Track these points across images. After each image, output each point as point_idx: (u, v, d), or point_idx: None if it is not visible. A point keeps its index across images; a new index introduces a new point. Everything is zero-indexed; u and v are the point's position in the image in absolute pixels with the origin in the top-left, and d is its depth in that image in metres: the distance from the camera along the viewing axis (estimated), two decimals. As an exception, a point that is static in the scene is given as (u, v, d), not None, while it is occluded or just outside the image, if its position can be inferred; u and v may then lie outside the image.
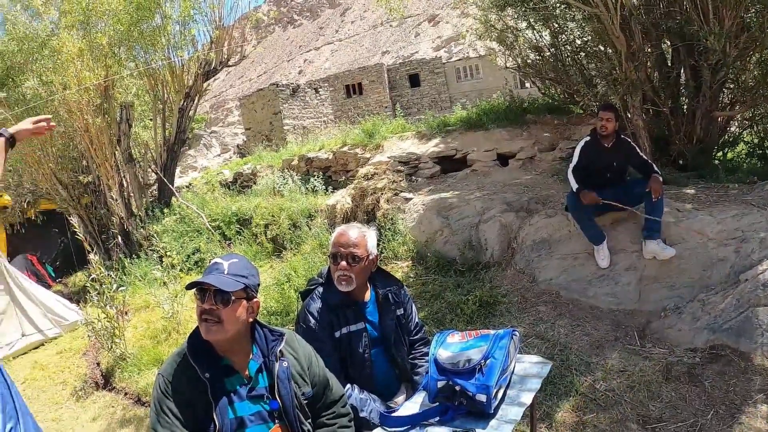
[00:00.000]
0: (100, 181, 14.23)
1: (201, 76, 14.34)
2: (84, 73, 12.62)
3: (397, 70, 38.15)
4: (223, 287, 2.22)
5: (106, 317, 7.35)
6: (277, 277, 7.93)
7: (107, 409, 6.45)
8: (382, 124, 12.94)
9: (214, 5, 14.23)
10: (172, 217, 12.53)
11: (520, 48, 10.31)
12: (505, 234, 6.98)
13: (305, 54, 69.42)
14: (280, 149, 19.39)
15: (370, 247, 3.10)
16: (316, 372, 2.54)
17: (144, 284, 10.35)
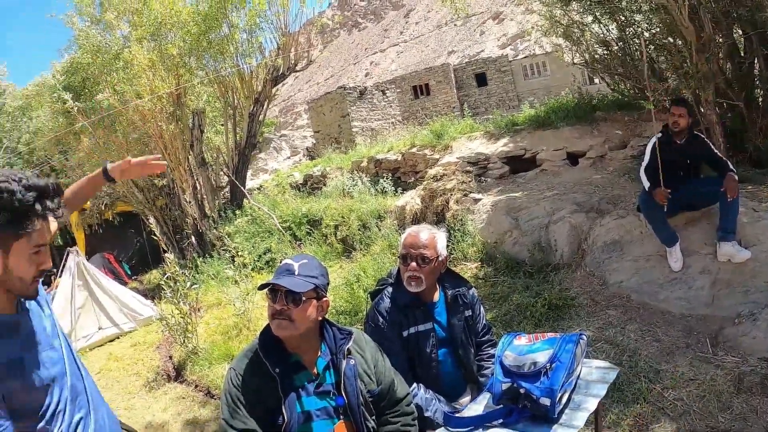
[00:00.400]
0: (174, 184, 14.79)
1: (269, 81, 14.67)
2: (156, 82, 13.17)
3: (463, 70, 37.74)
4: (294, 288, 2.28)
5: (180, 313, 7.65)
6: (347, 278, 8.01)
7: (178, 400, 6.67)
8: (450, 124, 12.90)
9: (279, 13, 14.57)
10: (244, 218, 12.88)
11: (587, 43, 10.02)
12: (575, 235, 6.83)
13: (371, 56, 69.74)
14: (349, 151, 19.60)
15: (440, 248, 3.10)
16: (382, 370, 2.56)
17: (216, 282, 10.70)
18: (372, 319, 3.12)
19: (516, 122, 11.15)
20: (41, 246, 1.81)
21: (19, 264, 1.78)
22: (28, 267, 1.80)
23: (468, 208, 8.40)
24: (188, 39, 13.91)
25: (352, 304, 7.12)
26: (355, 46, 77.96)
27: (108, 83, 14.31)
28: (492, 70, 36.94)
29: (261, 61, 15.01)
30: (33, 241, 1.77)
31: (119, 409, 6.82)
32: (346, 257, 9.77)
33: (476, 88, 37.14)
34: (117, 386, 7.75)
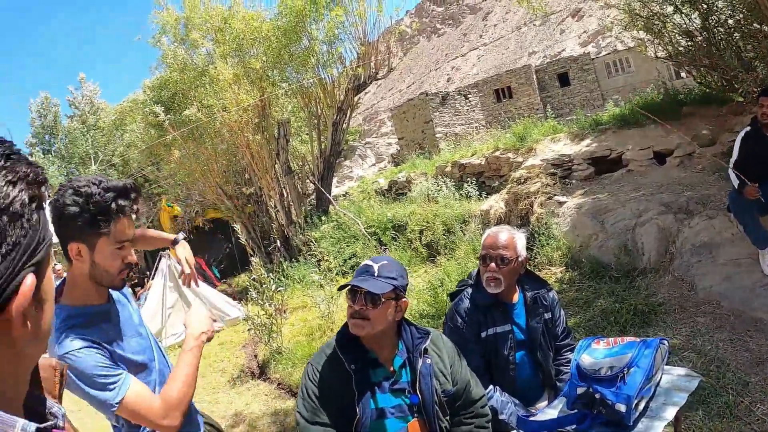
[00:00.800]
0: (261, 191, 15.31)
1: (351, 90, 14.95)
2: (241, 95, 13.67)
3: (545, 70, 37.08)
4: (374, 290, 2.29)
5: (265, 314, 7.92)
6: (431, 282, 8.03)
7: (260, 397, 6.90)
8: (533, 126, 12.76)
9: (356, 23, 14.85)
10: (330, 223, 13.19)
11: (669, 35, 9.58)
12: (662, 237, 6.58)
13: (452, 61, 69.57)
14: (433, 156, 19.68)
15: (519, 249, 3.07)
16: (458, 371, 2.53)
17: (302, 286, 11.00)
18: (451, 320, 3.13)
19: (600, 121, 10.90)
20: (124, 242, 1.98)
21: (105, 259, 1.97)
22: (113, 261, 1.99)
23: (552, 211, 8.26)
24: (270, 53, 14.43)
25: (435, 308, 7.12)
26: (436, 51, 77.98)
27: (196, 98, 14.96)
28: (574, 69, 36.11)
29: (342, 70, 15.33)
30: (115, 237, 1.95)
31: (204, 402, 7.16)
32: (430, 262, 9.81)
33: (559, 88, 36.39)
34: (202, 381, 8.06)
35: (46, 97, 34.31)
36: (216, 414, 6.67)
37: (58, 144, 33.56)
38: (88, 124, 31.36)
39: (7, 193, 0.73)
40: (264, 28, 14.51)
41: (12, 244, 0.73)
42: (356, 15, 14.65)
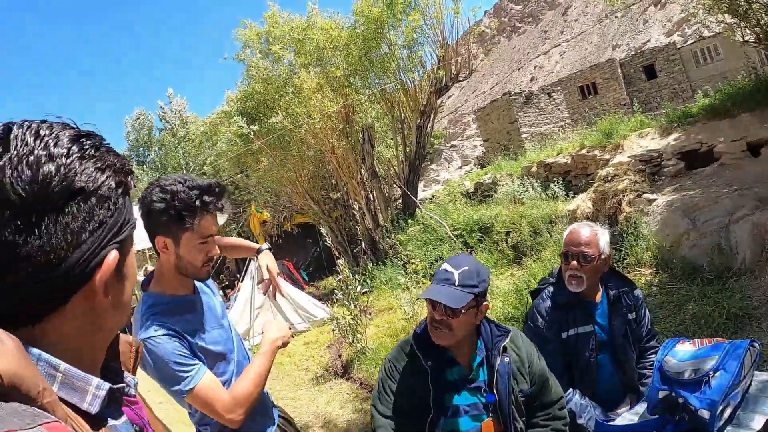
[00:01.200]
0: (348, 196, 15.58)
1: (433, 93, 15.01)
2: (325, 103, 14.01)
3: (630, 63, 35.70)
4: (454, 305, 2.21)
5: (350, 315, 8.09)
6: (516, 284, 7.98)
7: (341, 395, 7.03)
8: (620, 122, 12.47)
9: (434, 26, 14.92)
10: (416, 226, 13.25)
11: (756, 15, 9.11)
12: (758, 236, 6.19)
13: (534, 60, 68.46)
14: (518, 157, 19.48)
15: (602, 246, 2.93)
16: (536, 371, 2.45)
17: (388, 288, 11.14)
18: (531, 319, 3.05)
19: (689, 113, 10.51)
20: (208, 237, 2.11)
21: (189, 252, 2.11)
22: (197, 255, 2.13)
23: (641, 209, 8.01)
24: (351, 60, 14.75)
25: (520, 311, 7.01)
26: (517, 51, 76.92)
27: (280, 107, 15.41)
28: (660, 60, 34.62)
29: (423, 74, 15.42)
30: (199, 233, 2.08)
31: (286, 399, 7.40)
32: (516, 264, 9.73)
33: (645, 81, 34.93)
34: (287, 379, 8.40)
35: (141, 113, 36.26)
36: (297, 410, 6.87)
37: (152, 155, 35.34)
38: (179, 136, 32.76)
39: (96, 178, 0.83)
40: (343, 36, 14.86)
41: (99, 223, 0.83)
42: (433, 18, 14.75)
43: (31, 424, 0.70)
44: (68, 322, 0.84)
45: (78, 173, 0.81)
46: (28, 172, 0.76)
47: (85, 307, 0.85)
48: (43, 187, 0.77)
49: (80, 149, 0.83)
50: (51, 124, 0.85)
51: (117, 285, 0.90)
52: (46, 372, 0.80)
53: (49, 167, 0.78)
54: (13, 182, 0.75)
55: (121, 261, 0.88)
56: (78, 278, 0.82)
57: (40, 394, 0.75)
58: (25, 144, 0.79)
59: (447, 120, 51.30)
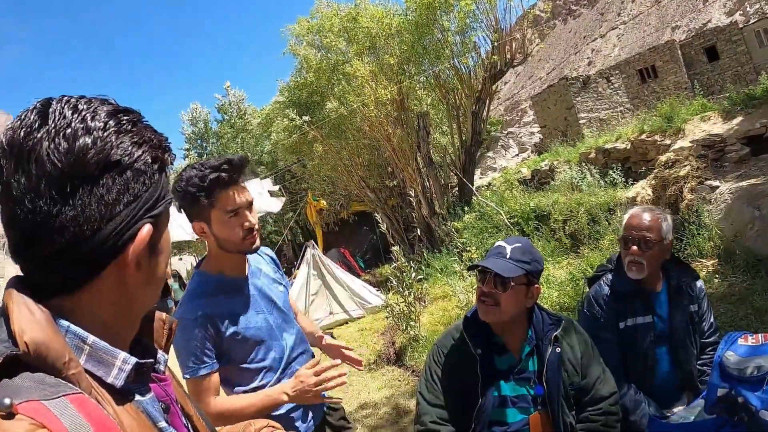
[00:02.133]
0: (404, 184, 15.57)
1: (488, 79, 14.83)
2: (379, 90, 13.98)
3: (690, 45, 34.45)
4: (504, 273, 2.18)
5: (405, 302, 8.09)
6: (573, 273, 7.87)
7: (394, 382, 7.07)
8: (681, 105, 12.10)
9: (487, 10, 14.70)
10: (472, 214, 13.16)
11: None
12: None
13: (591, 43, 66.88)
14: (576, 144, 19.16)
15: (665, 231, 2.75)
16: (589, 363, 2.36)
17: (443, 276, 11.08)
18: (587, 306, 2.90)
19: (753, 96, 10.09)
20: (236, 210, 2.16)
21: (222, 229, 2.17)
22: (231, 229, 2.18)
23: (703, 197, 7.74)
24: (404, 48, 14.71)
25: (576, 301, 6.80)
26: (573, 35, 75.29)
27: (334, 96, 15.50)
28: (722, 41, 33.30)
29: (477, 60, 15.25)
30: (222, 208, 2.14)
31: None
32: (573, 252, 9.57)
33: (707, 64, 33.68)
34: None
35: (196, 108, 37.21)
36: (348, 396, 6.96)
37: (211, 147, 36.20)
38: (237, 127, 33.40)
39: (132, 152, 0.84)
40: (395, 23, 14.86)
41: (134, 196, 0.84)
42: (486, 2, 14.52)
43: (54, 394, 0.73)
44: (100, 295, 0.86)
45: (114, 146, 0.82)
46: (64, 143, 0.78)
47: (117, 280, 0.86)
48: (79, 158, 0.78)
49: (117, 123, 0.84)
50: (90, 99, 0.86)
51: (150, 259, 0.91)
52: (73, 344, 0.82)
53: (86, 140, 0.80)
54: (50, 153, 0.77)
55: (155, 236, 0.89)
56: (111, 251, 0.83)
57: (65, 365, 0.77)
58: (62, 117, 0.81)
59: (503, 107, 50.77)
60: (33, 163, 0.77)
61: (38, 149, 0.78)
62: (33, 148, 0.78)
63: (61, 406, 0.72)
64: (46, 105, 0.82)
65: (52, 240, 0.79)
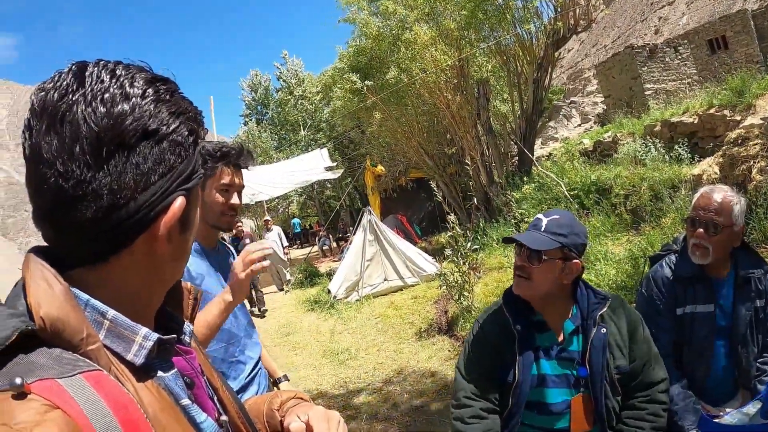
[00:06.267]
0: (463, 151, 15.44)
1: (550, 46, 14.45)
2: (438, 56, 13.81)
3: (763, 15, 32.15)
4: (533, 246, 2.09)
5: (459, 272, 8.08)
6: (632, 251, 7.66)
7: (442, 352, 7.15)
8: (752, 79, 11.52)
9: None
10: (531, 185, 12.99)
11: None
12: None
13: (658, 11, 64.23)
14: (641, 116, 18.62)
15: (736, 215, 2.52)
16: (638, 346, 2.20)
17: (500, 247, 11.03)
18: (645, 287, 2.74)
19: (832, 70, 9.54)
20: (228, 186, 2.38)
21: (210, 195, 2.37)
22: (217, 199, 2.38)
23: (775, 178, 7.35)
24: (464, 13, 14.38)
25: (634, 280, 6.64)
26: (640, 1, 72.50)
27: (393, 62, 15.41)
28: (799, 11, 31.53)
29: (539, 26, 14.87)
30: (219, 178, 2.35)
31: (388, 351, 7.70)
32: (634, 229, 9.32)
33: (781, 35, 32.05)
34: (391, 331, 8.67)
35: (256, 74, 37.90)
36: (396, 363, 7.12)
37: (270, 113, 36.84)
38: (296, 94, 33.78)
39: (169, 122, 0.82)
40: (456, -13, 14.54)
41: (169, 167, 0.82)
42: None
43: (70, 371, 0.71)
44: (127, 268, 0.83)
45: (152, 115, 0.80)
46: (102, 108, 0.76)
47: (145, 253, 0.83)
48: (117, 124, 0.76)
49: (156, 92, 0.82)
50: (127, 65, 0.84)
51: (180, 233, 0.88)
52: (93, 318, 0.80)
53: (124, 106, 0.78)
54: (86, 116, 0.75)
55: (187, 209, 0.87)
56: (142, 222, 0.80)
57: (83, 340, 0.75)
58: (100, 81, 0.78)
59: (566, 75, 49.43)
60: (67, 125, 0.75)
61: (74, 111, 0.75)
62: (68, 110, 0.76)
63: (77, 384, 0.70)
64: (83, 68, 0.80)
65: (83, 206, 0.76)
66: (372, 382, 6.67)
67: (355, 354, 7.92)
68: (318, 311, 11.37)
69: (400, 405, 5.79)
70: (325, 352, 8.39)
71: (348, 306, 10.98)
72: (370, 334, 8.78)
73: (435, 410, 5.50)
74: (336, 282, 11.85)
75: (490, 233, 12.21)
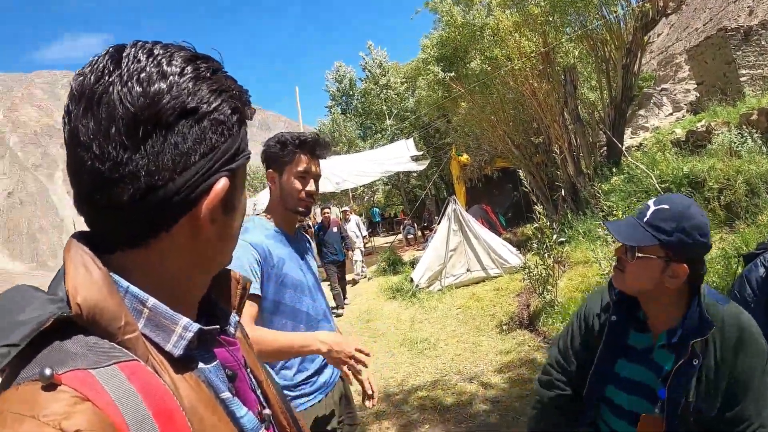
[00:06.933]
0: (549, 140, 15.14)
1: (639, 29, 13.83)
2: (523, 43, 13.63)
3: None
4: (625, 240, 1.83)
5: (543, 265, 7.96)
6: (725, 250, 7.21)
7: (522, 347, 7.04)
8: None
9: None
10: (621, 176, 12.53)
11: None
12: None
13: (753, -10, 60.68)
14: (736, 103, 17.73)
15: None
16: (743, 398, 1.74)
17: (586, 240, 10.76)
18: (738, 288, 2.44)
19: None
20: (306, 173, 2.49)
21: (288, 181, 2.49)
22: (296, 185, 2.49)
23: None
24: (549, -2, 14.04)
25: (726, 281, 6.18)
26: (732, -20, 68.61)
27: (478, 50, 15.25)
28: None
29: (627, 9, 14.32)
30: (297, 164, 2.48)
31: (467, 343, 7.69)
32: (727, 226, 8.85)
33: None
34: (471, 323, 8.66)
35: (341, 66, 38.54)
36: (475, 356, 7.09)
37: (355, 103, 37.40)
38: (381, 84, 34.09)
39: (210, 100, 0.79)
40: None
41: (210, 147, 0.79)
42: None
43: (105, 361, 0.69)
44: (168, 252, 0.82)
45: (191, 93, 0.78)
46: (138, 88, 0.74)
47: (187, 236, 0.81)
48: (153, 102, 0.74)
49: (195, 70, 0.80)
50: (166, 44, 0.82)
51: (224, 216, 0.86)
52: (132, 306, 0.78)
53: (161, 85, 0.75)
54: (122, 97, 0.73)
55: (230, 191, 0.84)
56: (183, 204, 0.78)
57: (121, 329, 0.73)
58: (137, 61, 0.77)
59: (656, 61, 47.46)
60: (103, 107, 0.74)
61: (110, 92, 0.74)
62: (104, 92, 0.74)
63: (109, 374, 0.69)
64: (120, 50, 0.79)
65: (120, 189, 0.74)
66: (448, 373, 6.69)
67: (434, 344, 7.97)
68: (399, 299, 11.49)
69: (475, 399, 5.78)
70: (404, 340, 8.49)
71: (430, 295, 11.01)
72: (451, 325, 8.80)
73: (510, 407, 5.43)
74: (419, 271, 11.92)
75: (576, 226, 11.93)
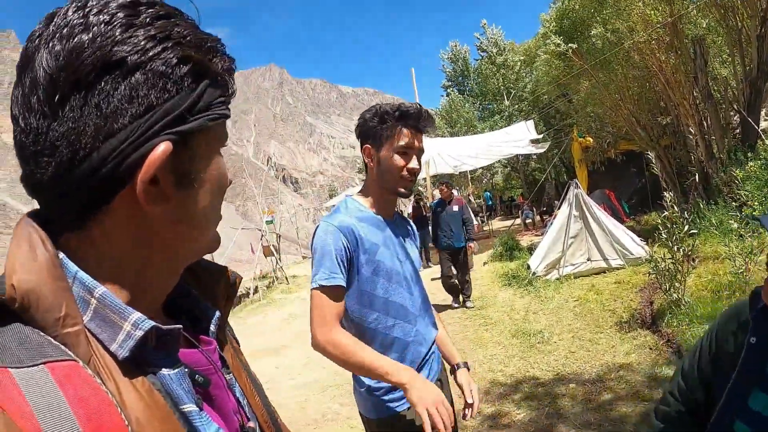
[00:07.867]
0: (678, 121, 14.11)
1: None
2: (648, 12, 12.76)
3: None
4: None
5: (671, 259, 7.24)
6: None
7: (644, 349, 6.43)
8: None
9: None
10: (757, 162, 11.29)
11: None
12: None
13: None
14: None
15: None
16: None
17: (718, 233, 9.89)
18: None
19: None
20: (407, 148, 2.29)
21: (388, 157, 2.30)
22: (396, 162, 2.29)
23: None
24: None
25: None
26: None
27: (598, 22, 14.48)
28: None
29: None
30: (397, 139, 2.28)
31: (583, 340, 7.16)
32: None
33: None
34: (589, 317, 8.08)
35: (455, 45, 38.46)
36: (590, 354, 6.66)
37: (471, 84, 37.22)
38: (497, 63, 33.80)
39: (145, 49, 0.66)
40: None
41: (145, 106, 0.66)
42: None
43: (32, 359, 0.59)
44: (111, 233, 0.70)
45: (119, 42, 0.65)
46: (58, 45, 0.64)
47: (129, 215, 0.69)
48: (71, 60, 0.63)
49: (130, 16, 0.67)
50: None
51: (179, 190, 0.72)
52: (79, 295, 0.67)
53: (82, 37, 0.64)
54: (42, 60, 0.64)
55: (184, 158, 0.71)
56: (114, 175, 0.66)
57: (59, 320, 0.63)
58: (64, 17, 0.66)
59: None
60: (27, 75, 0.65)
61: (34, 58, 0.65)
62: (30, 60, 0.66)
63: (32, 376, 0.58)
64: (57, 10, 0.68)
65: (44, 162, 0.65)
66: (560, 372, 6.27)
67: (548, 338, 7.55)
68: (515, 287, 11.06)
69: (588, 403, 5.33)
70: (517, 331, 8.12)
71: (546, 284, 10.47)
72: (567, 318, 8.31)
73: (625, 415, 4.96)
74: (536, 258, 11.42)
75: (707, 216, 10.95)
